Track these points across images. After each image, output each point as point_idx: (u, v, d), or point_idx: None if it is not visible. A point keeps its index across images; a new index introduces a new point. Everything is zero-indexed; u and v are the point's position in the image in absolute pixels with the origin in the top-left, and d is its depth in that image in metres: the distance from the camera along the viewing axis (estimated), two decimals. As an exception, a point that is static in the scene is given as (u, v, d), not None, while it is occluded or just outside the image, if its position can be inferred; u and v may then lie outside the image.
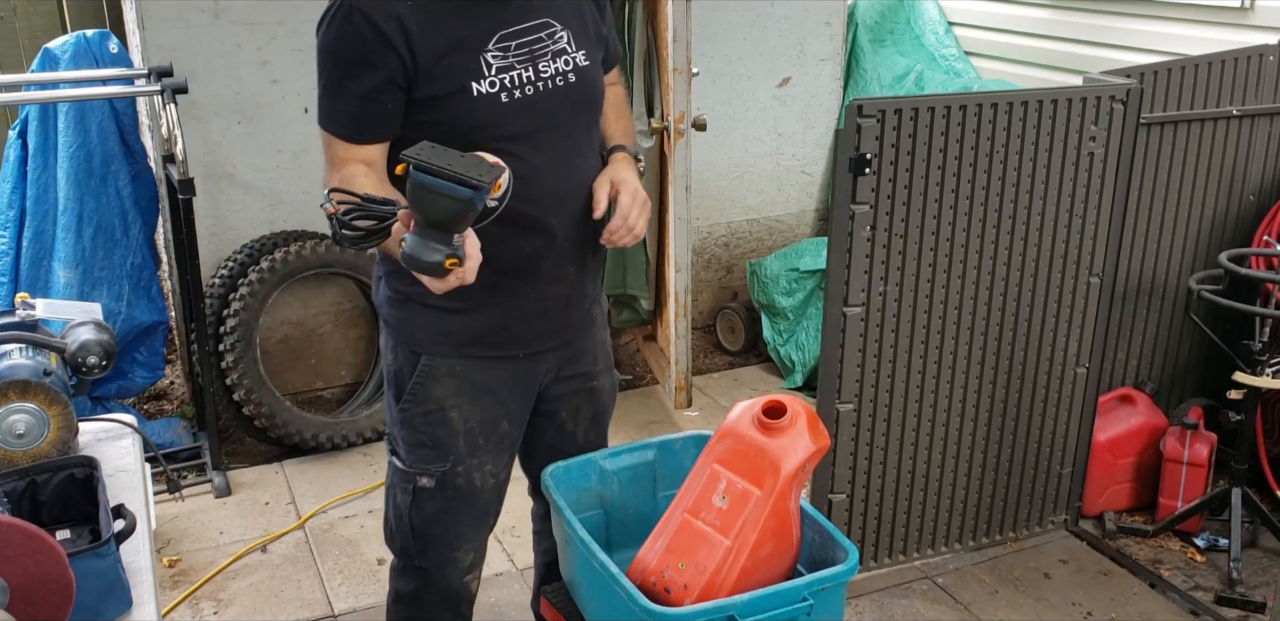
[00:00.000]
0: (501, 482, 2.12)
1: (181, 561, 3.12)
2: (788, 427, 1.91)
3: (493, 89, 1.82)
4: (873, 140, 2.59)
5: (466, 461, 2.03)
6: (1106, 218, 2.94)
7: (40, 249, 3.53)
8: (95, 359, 1.93)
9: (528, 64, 1.85)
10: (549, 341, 2.05)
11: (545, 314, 2.01)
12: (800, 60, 4.42)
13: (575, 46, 1.91)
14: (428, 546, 2.09)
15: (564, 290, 2.01)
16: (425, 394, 1.99)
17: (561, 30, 1.90)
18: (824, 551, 2.00)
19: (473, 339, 1.97)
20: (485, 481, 2.06)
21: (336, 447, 3.67)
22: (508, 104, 1.83)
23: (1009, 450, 3.08)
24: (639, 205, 1.92)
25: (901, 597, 2.98)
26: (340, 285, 3.89)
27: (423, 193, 1.53)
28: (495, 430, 2.05)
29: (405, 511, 2.07)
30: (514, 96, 1.84)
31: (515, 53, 1.84)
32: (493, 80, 1.82)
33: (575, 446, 2.20)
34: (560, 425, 2.19)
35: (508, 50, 1.83)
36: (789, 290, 4.19)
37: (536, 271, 1.95)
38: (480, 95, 1.81)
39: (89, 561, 1.49)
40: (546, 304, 2.00)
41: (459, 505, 2.06)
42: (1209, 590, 2.97)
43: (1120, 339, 3.34)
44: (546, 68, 1.87)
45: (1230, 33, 3.47)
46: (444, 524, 2.07)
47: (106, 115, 3.50)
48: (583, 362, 2.14)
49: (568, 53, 1.90)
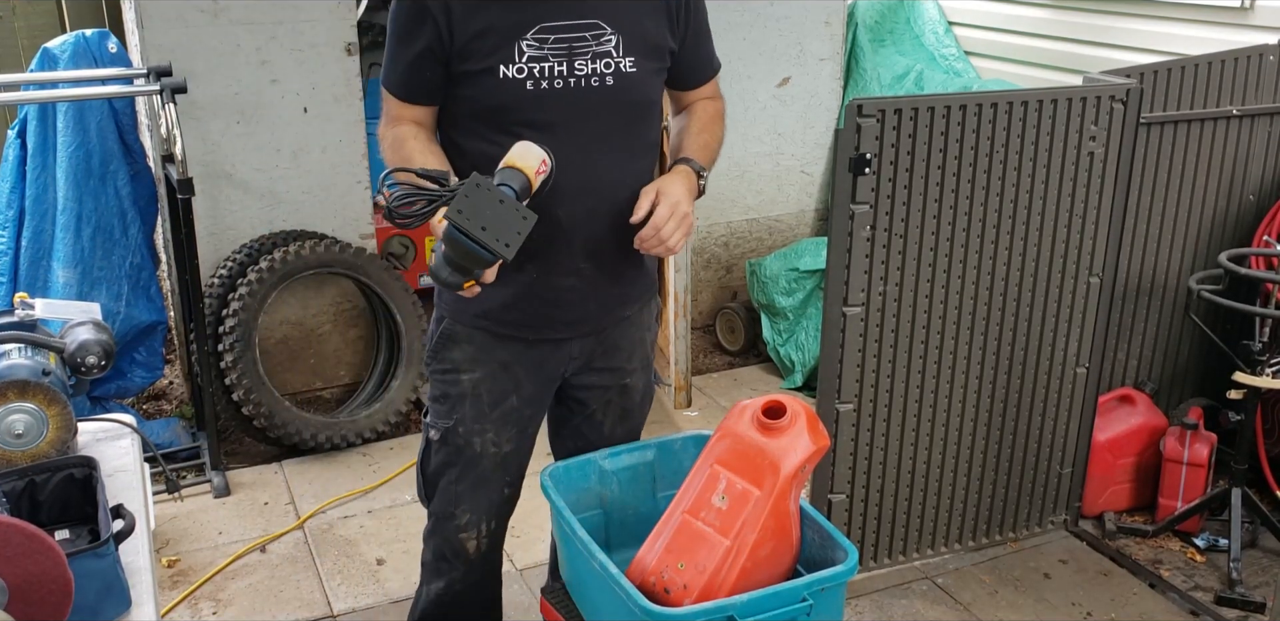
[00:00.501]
0: (506, 454, 2.17)
1: (180, 561, 3.12)
2: (787, 428, 1.90)
3: (519, 75, 1.90)
4: (872, 140, 2.59)
5: (469, 424, 2.12)
6: (1106, 217, 2.94)
7: (39, 248, 3.53)
8: (94, 359, 1.93)
9: (563, 59, 1.91)
10: (563, 332, 2.09)
11: (557, 304, 2.05)
12: (800, 60, 4.42)
13: (623, 52, 1.95)
14: (433, 494, 2.23)
15: (577, 284, 2.04)
16: (444, 354, 2.12)
17: (611, 34, 1.94)
18: (824, 551, 2.00)
19: (483, 312, 2.05)
20: (486, 448, 2.15)
21: (336, 448, 3.67)
22: (532, 92, 1.91)
23: (1009, 450, 3.08)
24: (676, 218, 1.94)
25: (901, 598, 2.98)
26: (339, 285, 3.88)
27: (454, 244, 1.70)
28: (503, 402, 2.12)
29: (420, 457, 2.23)
30: (540, 86, 1.91)
31: (553, 46, 1.91)
32: (521, 67, 1.90)
33: (600, 437, 2.26)
34: (590, 414, 2.25)
35: (545, 42, 1.90)
36: (788, 290, 4.19)
37: (543, 260, 1.99)
38: (506, 78, 1.90)
39: (88, 561, 1.49)
40: (559, 295, 2.04)
41: (458, 464, 2.16)
42: (1209, 590, 2.97)
43: (1120, 339, 3.34)
44: (582, 66, 1.92)
45: (1230, 32, 3.47)
46: (446, 478, 2.19)
47: (105, 115, 3.50)
48: (617, 357, 2.18)
49: (612, 56, 1.94)
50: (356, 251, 3.72)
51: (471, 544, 2.25)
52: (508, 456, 2.18)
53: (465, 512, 2.21)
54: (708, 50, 2.14)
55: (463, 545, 2.24)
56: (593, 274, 2.05)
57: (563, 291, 2.04)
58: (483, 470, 2.17)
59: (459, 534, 2.23)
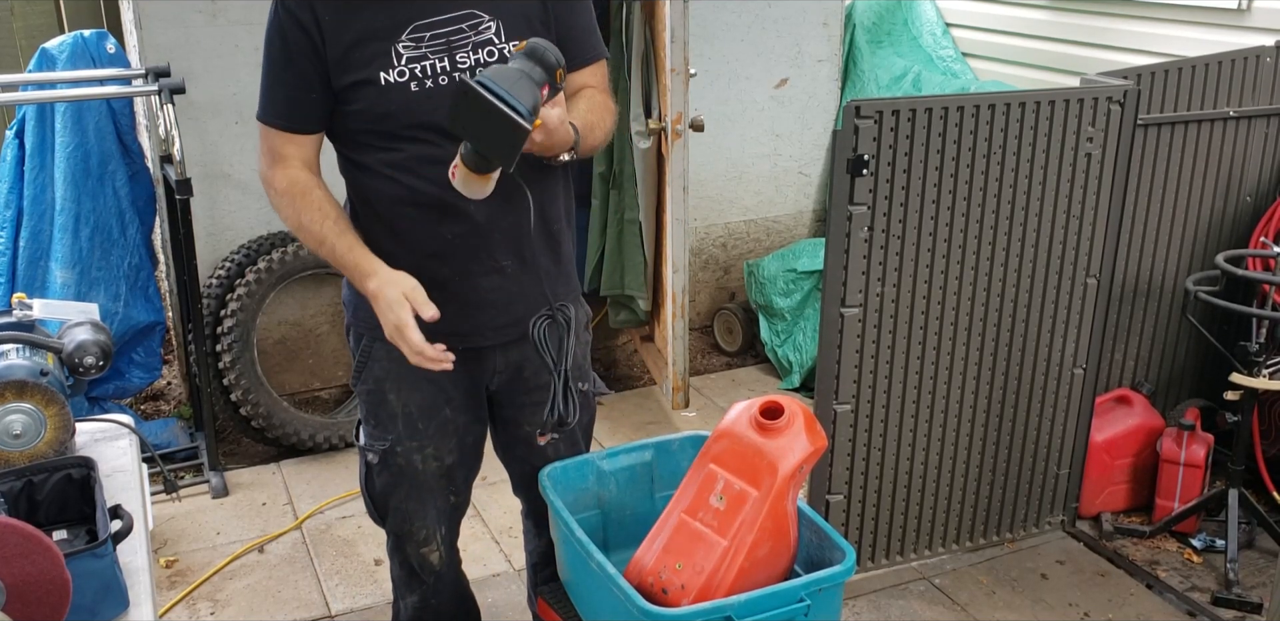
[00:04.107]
0: (450, 466, 2.15)
1: (178, 562, 3.12)
2: (785, 428, 1.91)
3: (402, 78, 1.86)
4: (870, 141, 2.59)
5: (405, 443, 2.09)
6: (1104, 219, 2.94)
7: (37, 249, 3.53)
8: (92, 359, 1.93)
9: (443, 54, 1.87)
10: (491, 337, 2.04)
11: (481, 306, 2.00)
12: (798, 61, 4.42)
13: (505, 37, 1.90)
14: (386, 513, 2.20)
15: (501, 283, 1.99)
16: (367, 374, 2.07)
17: (489, 21, 1.89)
18: (821, 552, 2.00)
19: None
20: (427, 464, 2.12)
21: (334, 448, 3.67)
22: (418, 93, 1.87)
23: (1006, 451, 3.08)
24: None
25: (899, 598, 2.98)
26: (337, 285, 3.87)
27: (482, 108, 1.62)
28: (436, 415, 2.09)
29: (364, 482, 2.19)
30: (424, 86, 1.87)
31: (429, 43, 1.87)
32: (402, 69, 1.86)
33: (546, 461, 2.18)
34: (527, 438, 2.17)
35: (421, 40, 1.87)
36: (786, 291, 4.20)
37: (462, 259, 1.96)
38: (389, 84, 1.86)
39: (86, 562, 1.49)
40: (482, 296, 2.00)
41: (403, 483, 2.14)
42: (1205, 591, 2.97)
43: (1117, 340, 3.34)
44: (465, 58, 1.88)
45: (1227, 34, 3.48)
46: (396, 497, 2.16)
47: (104, 115, 3.50)
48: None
49: (494, 43, 1.90)
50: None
51: (435, 556, 2.24)
52: (451, 468, 2.15)
53: (422, 528, 2.19)
54: (584, 28, 1.99)
55: (427, 559, 2.23)
56: (515, 270, 1.99)
57: (486, 292, 1.99)
58: (427, 485, 2.14)
59: (421, 548, 2.22)
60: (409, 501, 2.16)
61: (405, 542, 2.22)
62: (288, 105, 1.92)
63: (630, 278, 3.92)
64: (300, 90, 1.89)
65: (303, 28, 1.84)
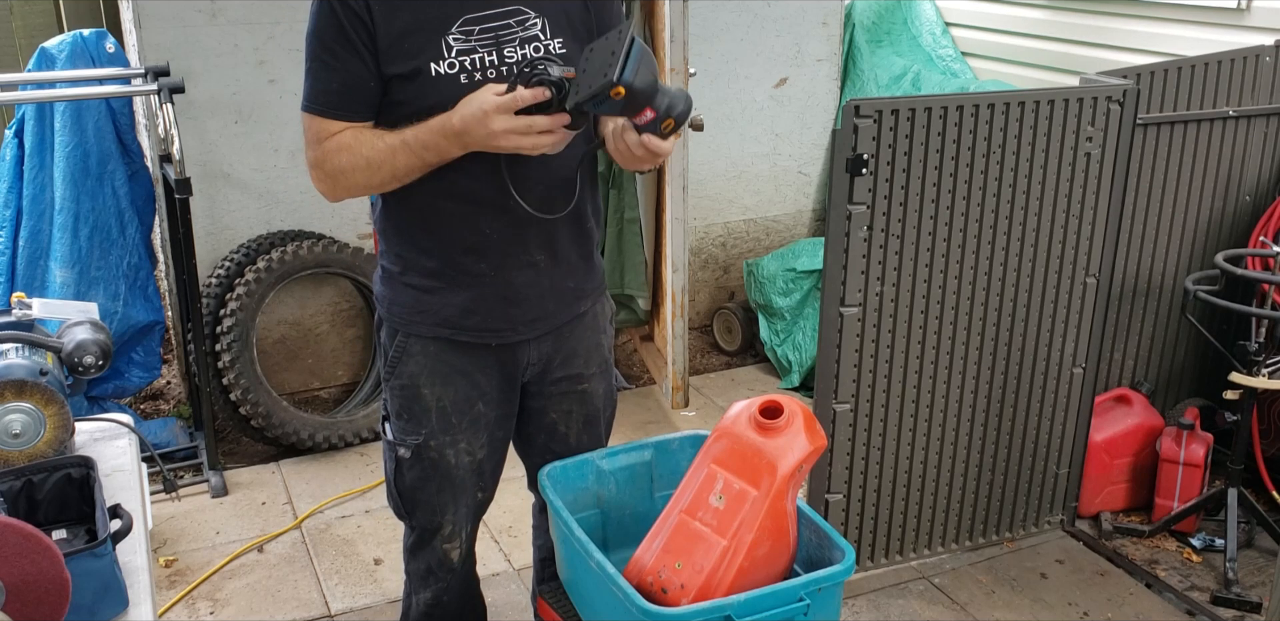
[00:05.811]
0: (481, 460, 2.16)
1: (178, 561, 3.12)
2: (784, 427, 1.91)
3: (452, 70, 1.87)
4: (870, 141, 2.59)
5: (439, 437, 2.09)
6: (1103, 218, 2.94)
7: (37, 248, 3.53)
8: (92, 358, 1.93)
9: (492, 48, 1.88)
10: (524, 332, 2.05)
11: (516, 301, 2.02)
12: (797, 61, 4.42)
13: (550, 34, 1.92)
14: (415, 508, 2.20)
15: (534, 278, 2.01)
16: (401, 369, 2.07)
17: (535, 17, 1.91)
18: (821, 551, 2.00)
19: (443, 320, 2.02)
20: (460, 458, 2.12)
21: (333, 447, 3.67)
22: (467, 86, 1.86)
23: (1005, 450, 3.08)
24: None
25: (898, 597, 2.98)
26: (337, 285, 3.88)
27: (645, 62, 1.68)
28: (469, 410, 2.09)
29: (392, 477, 2.18)
30: (474, 79, 1.87)
31: (479, 37, 1.88)
32: (452, 62, 1.87)
33: (568, 448, 2.22)
34: (551, 426, 2.21)
35: (470, 34, 1.87)
36: (786, 290, 4.20)
37: (499, 254, 1.97)
38: (439, 76, 1.87)
39: (85, 561, 1.49)
40: (517, 291, 2.01)
41: (435, 477, 2.14)
42: (1205, 590, 2.97)
43: (1117, 339, 3.34)
44: (512, 53, 1.89)
45: (1226, 34, 3.48)
46: (426, 491, 2.16)
47: (103, 115, 3.50)
48: (573, 365, 2.15)
49: (539, 39, 1.91)
50: (354, 251, 3.72)
51: (455, 553, 2.24)
52: (482, 462, 2.16)
53: (449, 523, 2.19)
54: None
55: (448, 556, 2.24)
56: (548, 265, 2.02)
57: (519, 287, 2.01)
58: (459, 479, 2.15)
59: (444, 544, 2.22)
60: (440, 495, 2.16)
61: (430, 538, 2.21)
62: (341, 94, 1.90)
63: (630, 277, 3.92)
64: (357, 77, 1.89)
65: (356, 15, 1.85)
